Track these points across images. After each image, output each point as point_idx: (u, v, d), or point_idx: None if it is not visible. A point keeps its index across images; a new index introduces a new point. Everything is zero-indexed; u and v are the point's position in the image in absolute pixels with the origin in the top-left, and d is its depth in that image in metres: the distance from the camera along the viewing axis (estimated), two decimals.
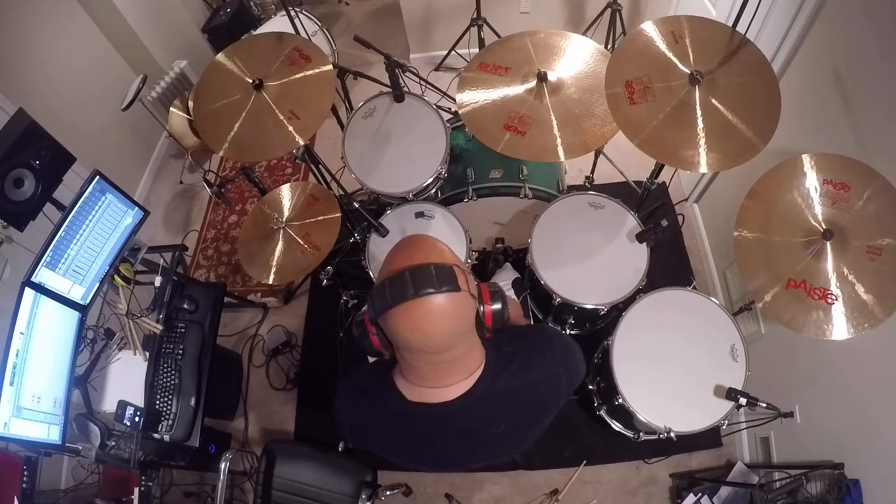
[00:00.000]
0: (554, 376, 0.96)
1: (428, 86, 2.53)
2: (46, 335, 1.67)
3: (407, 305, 0.74)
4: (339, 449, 2.06)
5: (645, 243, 1.79)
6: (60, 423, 1.66)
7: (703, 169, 1.37)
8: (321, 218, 2.00)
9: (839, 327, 1.29)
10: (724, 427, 1.79)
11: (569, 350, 1.00)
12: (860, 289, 1.29)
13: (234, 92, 1.73)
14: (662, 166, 1.78)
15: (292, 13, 2.62)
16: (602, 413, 1.95)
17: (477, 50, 3.05)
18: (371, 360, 1.39)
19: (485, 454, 1.03)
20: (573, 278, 1.78)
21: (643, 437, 1.89)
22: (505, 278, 1.88)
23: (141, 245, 2.06)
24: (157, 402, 1.89)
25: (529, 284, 1.95)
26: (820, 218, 1.37)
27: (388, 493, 1.88)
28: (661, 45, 1.48)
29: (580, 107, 1.65)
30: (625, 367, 1.65)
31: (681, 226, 2.62)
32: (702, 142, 1.37)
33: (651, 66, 1.46)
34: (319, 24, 3.10)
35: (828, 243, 1.33)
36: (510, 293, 1.77)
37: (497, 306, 0.86)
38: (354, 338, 0.88)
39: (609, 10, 2.85)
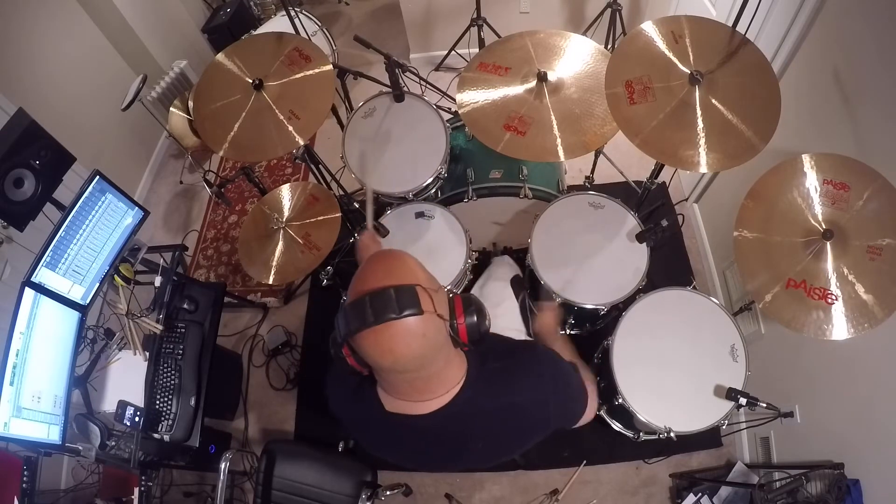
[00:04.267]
0: (541, 402, 0.92)
1: (428, 86, 2.53)
2: (46, 335, 1.67)
3: (370, 332, 0.74)
4: (339, 449, 2.06)
5: (645, 243, 1.78)
6: (60, 423, 1.66)
7: (703, 169, 1.37)
8: (321, 218, 2.00)
9: (839, 327, 1.29)
10: (724, 427, 1.79)
11: (561, 375, 0.96)
12: (860, 289, 1.29)
13: (234, 92, 1.73)
14: (662, 166, 1.78)
15: (292, 13, 2.62)
16: (602, 413, 1.94)
17: (477, 50, 3.05)
18: None
19: (466, 462, 1.02)
20: (573, 278, 1.78)
21: (643, 437, 1.89)
22: (503, 276, 1.87)
23: (141, 245, 2.06)
24: (157, 402, 1.89)
25: (529, 284, 1.94)
26: (820, 218, 1.37)
27: (388, 493, 1.88)
28: (661, 45, 1.48)
29: (580, 107, 1.64)
30: (625, 367, 1.65)
31: (681, 226, 2.62)
32: (702, 142, 1.37)
33: (651, 66, 1.46)
34: (319, 24, 3.10)
35: (828, 243, 1.32)
36: (507, 292, 1.76)
37: (472, 319, 0.82)
38: (332, 357, 0.87)
39: (609, 10, 2.84)
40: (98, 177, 1.83)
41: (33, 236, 1.87)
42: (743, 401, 1.51)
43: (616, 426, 1.94)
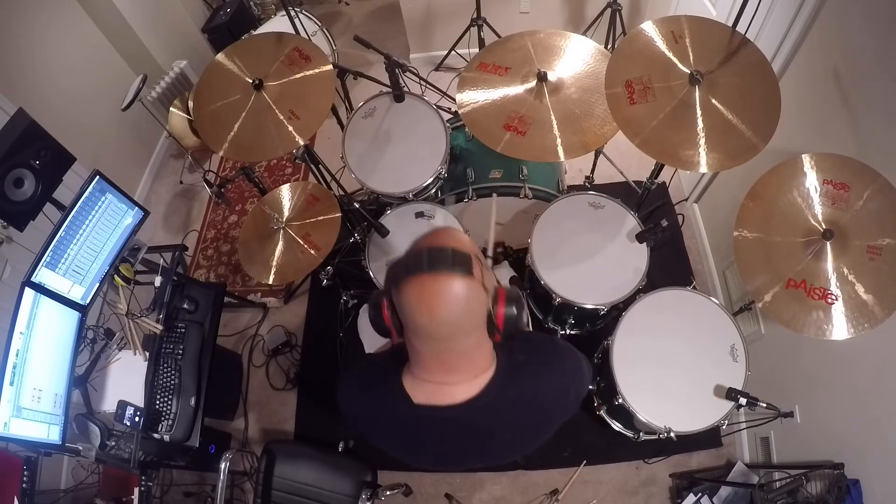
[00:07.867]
0: (564, 389, 0.96)
1: (428, 86, 2.53)
2: (46, 335, 1.67)
3: (419, 278, 0.77)
4: (339, 449, 2.06)
5: (645, 243, 1.79)
6: (60, 423, 1.66)
7: (703, 169, 1.37)
8: (321, 218, 1.99)
9: (839, 327, 1.29)
10: (724, 427, 1.79)
11: (579, 363, 1.00)
12: (860, 289, 1.29)
13: (234, 92, 1.73)
14: (662, 166, 1.78)
15: (292, 13, 2.62)
16: (602, 413, 1.95)
17: (477, 50, 3.05)
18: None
19: (488, 457, 1.03)
20: (573, 278, 1.78)
21: (643, 437, 1.89)
22: (501, 277, 1.88)
23: (141, 245, 2.06)
24: (157, 402, 1.89)
25: (529, 284, 1.94)
26: (820, 218, 1.37)
27: (388, 493, 1.88)
28: (661, 45, 1.48)
29: (580, 107, 1.65)
30: (625, 367, 1.65)
31: (681, 226, 2.63)
32: (702, 142, 1.37)
33: (651, 66, 1.46)
34: (319, 24, 3.10)
35: (828, 243, 1.33)
36: None
37: (511, 311, 0.85)
38: (369, 314, 0.90)
39: (609, 10, 2.85)
40: (98, 177, 1.83)
41: (33, 236, 1.87)
42: (743, 401, 1.51)
43: (616, 426, 1.94)
